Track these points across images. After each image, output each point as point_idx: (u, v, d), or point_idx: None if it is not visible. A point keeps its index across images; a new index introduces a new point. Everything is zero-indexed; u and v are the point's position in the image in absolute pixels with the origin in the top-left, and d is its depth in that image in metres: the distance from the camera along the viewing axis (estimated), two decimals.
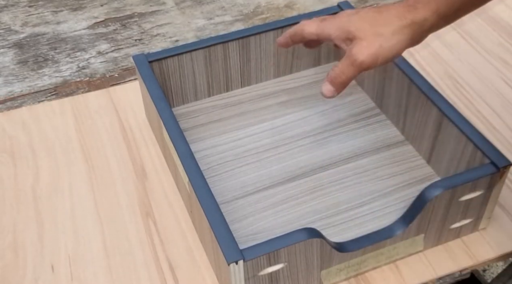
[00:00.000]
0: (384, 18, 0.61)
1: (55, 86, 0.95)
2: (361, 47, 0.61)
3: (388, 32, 0.60)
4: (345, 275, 0.69)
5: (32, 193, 0.80)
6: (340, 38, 0.63)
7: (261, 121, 0.87)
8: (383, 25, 0.61)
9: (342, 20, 0.63)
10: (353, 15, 0.63)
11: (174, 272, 0.71)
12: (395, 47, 0.61)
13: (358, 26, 0.62)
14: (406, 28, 0.61)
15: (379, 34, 0.61)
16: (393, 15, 0.61)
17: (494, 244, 0.72)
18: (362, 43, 0.61)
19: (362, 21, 0.62)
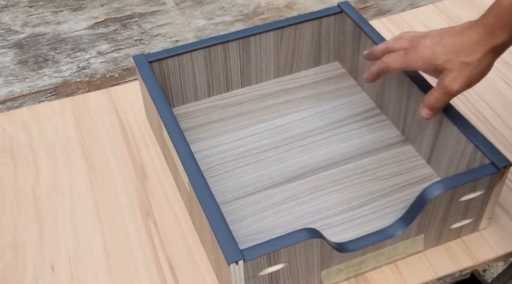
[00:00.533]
0: (467, 47, 0.65)
1: (55, 86, 0.96)
2: (452, 78, 0.66)
3: (475, 60, 0.65)
4: (345, 275, 0.68)
5: (32, 193, 0.80)
6: (428, 70, 0.69)
7: (261, 121, 0.87)
8: (468, 54, 0.65)
9: (426, 53, 0.68)
10: (437, 46, 0.67)
11: (174, 272, 0.71)
12: (482, 71, 0.66)
13: (445, 58, 0.66)
14: (489, 53, 0.65)
15: (467, 64, 0.65)
16: (475, 43, 0.65)
17: (494, 244, 0.72)
18: (453, 74, 0.66)
19: (447, 52, 0.66)
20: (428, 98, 0.70)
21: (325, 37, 0.92)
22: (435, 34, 0.69)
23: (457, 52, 0.66)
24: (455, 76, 0.66)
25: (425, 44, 0.68)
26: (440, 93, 0.68)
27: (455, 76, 0.66)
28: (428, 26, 1.03)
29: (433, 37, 0.68)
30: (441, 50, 0.67)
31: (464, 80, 0.66)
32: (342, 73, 0.94)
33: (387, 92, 0.84)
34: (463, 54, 0.65)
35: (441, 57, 0.67)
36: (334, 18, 0.90)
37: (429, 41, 0.68)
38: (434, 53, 0.67)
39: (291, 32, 0.89)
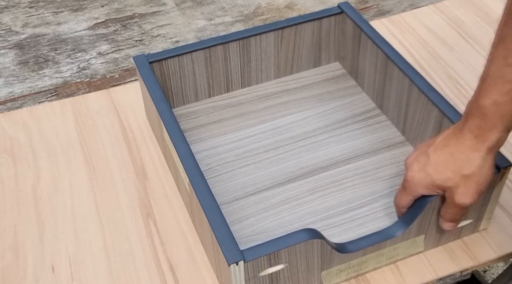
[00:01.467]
0: (461, 159, 0.61)
1: (55, 87, 0.96)
2: (461, 194, 0.62)
3: (475, 169, 0.60)
4: (345, 276, 0.69)
5: (33, 194, 0.80)
6: (432, 191, 0.64)
7: (261, 122, 0.87)
8: (466, 166, 0.61)
9: (420, 179, 0.64)
10: (427, 167, 0.63)
11: (175, 272, 0.71)
12: (488, 174, 0.61)
13: (442, 178, 0.62)
14: (487, 155, 0.60)
15: (469, 176, 0.61)
16: (469, 152, 0.60)
17: (495, 245, 0.72)
18: (460, 190, 0.62)
19: (442, 171, 0.62)
20: (445, 215, 0.65)
21: (325, 38, 0.92)
22: (420, 154, 0.64)
23: (453, 167, 0.61)
24: (462, 191, 0.62)
25: (415, 170, 0.64)
26: (455, 210, 0.64)
27: (463, 191, 0.62)
28: (429, 26, 1.03)
29: (418, 159, 0.64)
30: (434, 170, 0.62)
31: (473, 191, 0.61)
32: (342, 74, 0.94)
33: (387, 92, 0.84)
34: (460, 168, 0.61)
35: (438, 177, 0.62)
36: (334, 18, 0.90)
37: (416, 165, 0.64)
38: (428, 175, 0.63)
39: (291, 33, 0.89)
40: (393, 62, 0.80)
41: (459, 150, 0.61)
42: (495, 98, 0.57)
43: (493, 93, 0.57)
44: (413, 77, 0.78)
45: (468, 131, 0.60)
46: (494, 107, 0.57)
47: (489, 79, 0.57)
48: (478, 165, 0.60)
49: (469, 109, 0.60)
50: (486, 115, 0.58)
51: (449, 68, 0.96)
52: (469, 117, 0.60)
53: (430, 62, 0.97)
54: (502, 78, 0.56)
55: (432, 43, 1.00)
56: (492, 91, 0.57)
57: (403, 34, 1.03)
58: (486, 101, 0.58)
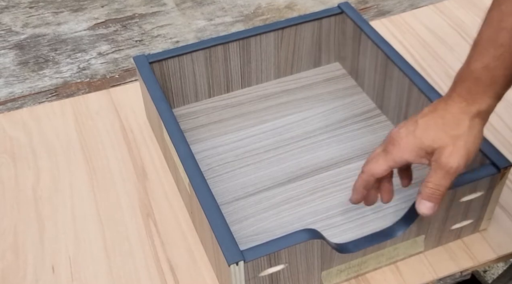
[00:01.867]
0: (450, 120, 0.59)
1: (55, 87, 0.96)
2: (449, 155, 0.59)
3: (465, 130, 0.59)
4: (345, 276, 0.68)
5: (33, 194, 0.80)
6: (418, 157, 0.61)
7: (261, 122, 0.87)
8: (455, 127, 0.59)
9: (409, 141, 0.61)
10: (416, 130, 0.60)
11: (175, 273, 0.71)
12: (477, 138, 0.60)
13: (432, 137, 0.59)
14: (476, 118, 0.59)
15: (458, 136, 0.59)
16: (458, 114, 0.59)
17: (495, 245, 0.72)
18: (447, 150, 0.59)
19: (432, 132, 0.60)
20: (424, 187, 0.61)
21: (325, 38, 0.92)
22: (407, 123, 0.62)
23: (442, 128, 0.59)
24: (450, 151, 0.59)
25: (402, 135, 0.61)
26: (439, 176, 0.60)
27: (451, 151, 0.59)
28: (429, 26, 1.03)
29: (406, 126, 0.62)
30: (423, 132, 0.60)
31: (462, 152, 0.59)
32: (342, 74, 0.94)
33: (388, 92, 0.84)
34: (449, 128, 0.59)
35: (427, 138, 0.59)
36: (334, 18, 0.90)
37: (403, 130, 0.61)
38: (416, 138, 0.60)
39: (291, 33, 0.89)
40: (393, 62, 0.80)
41: (449, 112, 0.59)
42: (487, 62, 0.56)
43: (485, 56, 0.56)
44: (413, 77, 0.78)
45: (458, 95, 0.59)
46: (485, 71, 0.57)
47: (482, 43, 0.57)
48: (467, 127, 0.59)
49: (459, 75, 0.59)
50: (477, 79, 0.57)
51: (449, 68, 0.96)
52: (459, 82, 0.59)
53: (430, 62, 0.97)
54: (495, 42, 0.56)
55: (432, 43, 1.00)
56: (485, 55, 0.56)
57: (403, 34, 1.03)
58: (478, 65, 0.57)
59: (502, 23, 0.55)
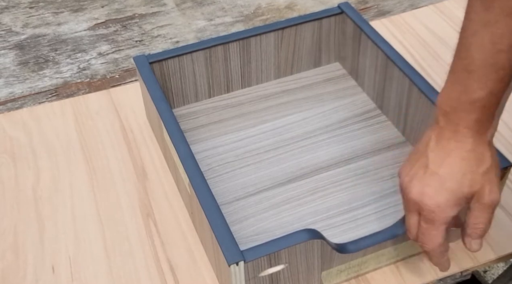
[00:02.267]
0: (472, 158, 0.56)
1: (55, 87, 0.96)
2: (489, 192, 0.57)
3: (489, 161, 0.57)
4: (345, 276, 0.68)
5: (33, 194, 0.80)
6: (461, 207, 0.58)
7: (261, 122, 0.87)
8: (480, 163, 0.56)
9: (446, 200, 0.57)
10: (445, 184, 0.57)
11: (175, 273, 0.71)
12: (497, 159, 0.59)
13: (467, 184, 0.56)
14: (491, 142, 0.58)
15: (487, 170, 0.57)
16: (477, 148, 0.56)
17: (495, 245, 0.72)
18: (486, 189, 0.57)
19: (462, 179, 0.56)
20: (474, 229, 0.59)
21: (325, 38, 0.92)
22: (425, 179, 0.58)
23: (470, 170, 0.56)
24: (489, 189, 0.57)
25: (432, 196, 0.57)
26: (486, 214, 0.58)
27: (489, 189, 0.57)
28: (429, 27, 1.03)
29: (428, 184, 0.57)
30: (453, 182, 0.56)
31: (497, 184, 0.58)
32: (342, 74, 0.94)
33: (388, 92, 0.84)
34: (476, 166, 0.56)
35: (463, 186, 0.56)
36: (334, 19, 0.90)
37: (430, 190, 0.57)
38: (451, 191, 0.57)
39: (291, 33, 0.89)
40: (393, 62, 0.80)
41: (466, 150, 0.56)
42: (491, 88, 0.54)
43: (487, 82, 0.53)
44: (413, 77, 0.78)
45: (467, 129, 0.56)
46: (491, 97, 0.54)
47: (478, 69, 0.53)
48: (490, 157, 0.57)
49: (456, 105, 0.55)
50: (484, 107, 0.55)
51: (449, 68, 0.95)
52: (461, 115, 0.55)
53: (430, 62, 0.97)
54: (494, 66, 0.53)
55: (432, 43, 1.00)
56: (486, 81, 0.53)
57: (403, 34, 1.03)
58: (481, 93, 0.54)
59: (497, 45, 0.52)
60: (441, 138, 0.57)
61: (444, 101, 0.56)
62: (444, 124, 0.57)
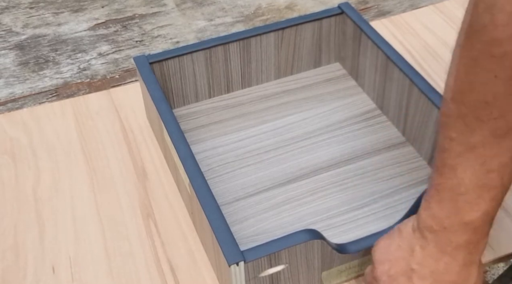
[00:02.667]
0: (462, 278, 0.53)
1: (56, 87, 0.96)
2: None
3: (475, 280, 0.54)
4: (346, 276, 0.68)
5: (33, 195, 0.80)
6: None
7: (262, 122, 0.87)
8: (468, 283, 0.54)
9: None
10: None
11: (175, 273, 0.71)
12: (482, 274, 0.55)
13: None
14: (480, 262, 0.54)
15: None
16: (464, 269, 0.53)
17: (495, 245, 0.72)
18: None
19: None
20: None
21: (325, 38, 0.92)
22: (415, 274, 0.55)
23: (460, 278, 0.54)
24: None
25: None
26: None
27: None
28: (429, 27, 1.03)
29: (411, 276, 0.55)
30: None
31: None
32: (342, 74, 0.94)
33: (388, 93, 0.84)
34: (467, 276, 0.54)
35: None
36: (334, 19, 0.90)
37: None
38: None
39: (291, 33, 0.89)
40: (394, 62, 0.80)
41: (455, 272, 0.53)
42: (484, 209, 0.51)
43: (481, 204, 0.50)
44: (413, 78, 0.78)
45: (458, 250, 0.52)
46: (485, 217, 0.51)
47: (470, 192, 0.50)
48: (476, 276, 0.54)
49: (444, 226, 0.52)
50: (477, 228, 0.51)
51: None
52: (451, 235, 0.52)
53: (430, 63, 0.97)
54: (486, 186, 0.50)
55: (432, 43, 1.00)
56: (480, 203, 0.50)
57: (403, 34, 1.03)
58: (475, 215, 0.51)
59: (487, 166, 0.49)
60: (428, 254, 0.54)
61: (430, 218, 0.53)
62: (432, 241, 0.53)
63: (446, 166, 0.51)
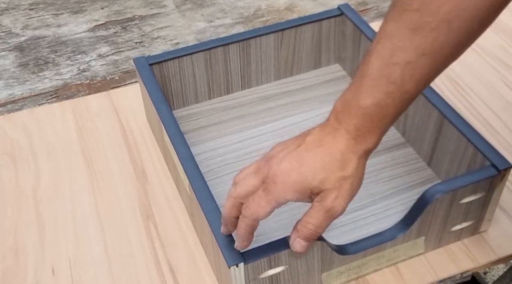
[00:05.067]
0: (338, 159, 0.55)
1: (55, 89, 0.96)
2: (335, 198, 0.55)
3: (353, 171, 0.55)
4: (346, 277, 0.68)
5: (33, 196, 0.80)
6: (302, 197, 0.57)
7: (261, 124, 0.87)
8: (343, 167, 0.55)
9: (293, 179, 0.55)
10: (301, 168, 0.55)
11: (175, 275, 0.71)
12: (360, 178, 0.57)
13: (319, 178, 0.55)
14: (363, 157, 0.56)
15: (345, 178, 0.55)
16: (346, 152, 0.55)
17: (495, 246, 0.72)
18: (333, 194, 0.55)
19: (319, 171, 0.55)
20: (304, 226, 0.57)
21: (325, 40, 0.92)
22: (290, 153, 0.56)
23: (330, 168, 0.55)
24: (337, 194, 0.55)
25: (284, 170, 0.55)
26: (321, 218, 0.56)
27: (337, 195, 0.55)
28: None
29: (289, 159, 0.55)
30: (309, 171, 0.54)
31: (347, 195, 0.56)
32: (342, 75, 0.94)
33: None
34: (337, 168, 0.55)
35: (314, 178, 0.54)
36: (334, 20, 0.90)
37: (286, 164, 0.55)
38: (302, 176, 0.55)
39: (291, 35, 0.89)
40: None
41: (336, 149, 0.55)
42: (378, 99, 0.53)
43: (376, 93, 0.53)
44: None
45: (346, 131, 0.55)
46: (376, 108, 0.53)
47: (372, 77, 0.53)
48: (354, 167, 0.55)
49: (345, 106, 0.55)
50: (367, 116, 0.53)
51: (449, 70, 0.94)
52: (346, 116, 0.55)
53: None
54: (387, 78, 0.52)
55: None
56: (376, 91, 0.53)
57: None
58: (368, 101, 0.53)
59: (394, 58, 0.51)
60: (323, 130, 0.56)
61: (339, 99, 0.56)
62: (332, 120, 0.56)
63: (367, 52, 0.54)
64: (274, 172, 0.56)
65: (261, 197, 0.56)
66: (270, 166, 0.56)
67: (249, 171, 0.58)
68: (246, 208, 0.57)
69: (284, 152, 0.56)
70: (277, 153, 0.57)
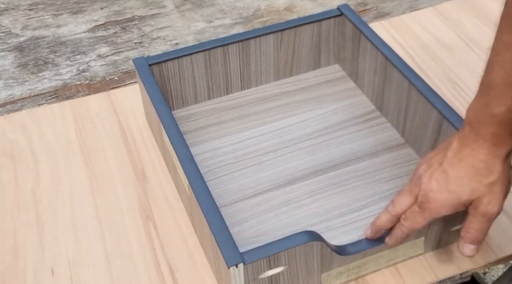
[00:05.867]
0: (482, 168, 0.59)
1: (55, 89, 0.96)
2: (487, 203, 0.60)
3: (499, 175, 0.59)
4: (345, 278, 0.68)
5: (33, 197, 0.80)
6: (455, 209, 0.61)
7: (261, 124, 0.87)
8: (488, 174, 0.59)
9: (444, 197, 0.60)
10: (449, 185, 0.60)
11: (175, 275, 0.71)
12: (508, 175, 0.60)
13: (468, 191, 0.59)
14: (506, 158, 0.59)
15: (493, 183, 0.59)
16: (489, 159, 0.59)
17: (495, 246, 0.72)
18: (485, 199, 0.60)
19: (466, 184, 0.59)
20: (468, 232, 0.62)
21: (325, 40, 0.92)
22: (435, 172, 0.61)
23: (476, 178, 0.59)
24: (488, 200, 0.60)
25: (434, 189, 0.60)
26: (480, 223, 0.61)
27: (489, 200, 0.60)
28: (428, 29, 1.04)
29: (436, 177, 0.61)
30: (457, 186, 0.60)
31: (500, 197, 0.60)
32: (342, 76, 0.94)
33: (387, 94, 0.84)
34: (483, 177, 0.59)
35: (464, 192, 0.59)
36: (334, 20, 0.90)
37: (434, 183, 0.60)
38: (451, 193, 0.60)
39: (290, 35, 0.89)
40: (393, 64, 0.80)
41: (478, 159, 0.59)
42: (509, 105, 0.56)
43: (506, 100, 0.56)
44: (412, 79, 0.78)
45: (483, 140, 0.59)
46: (509, 113, 0.57)
47: (499, 87, 0.56)
48: (500, 171, 0.59)
49: (478, 116, 0.59)
50: (502, 122, 0.57)
51: (448, 70, 0.96)
52: (481, 126, 0.59)
53: (429, 65, 0.97)
54: None
55: (431, 45, 1.01)
56: (506, 99, 0.56)
57: (402, 36, 1.03)
58: (500, 109, 0.57)
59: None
60: (462, 143, 0.60)
61: (471, 110, 0.60)
62: (467, 131, 0.60)
63: (488, 64, 0.57)
64: (425, 192, 0.61)
65: (418, 213, 0.62)
66: (419, 186, 0.62)
67: (403, 192, 0.64)
68: (406, 220, 0.63)
69: (430, 171, 0.62)
70: (424, 172, 0.62)
